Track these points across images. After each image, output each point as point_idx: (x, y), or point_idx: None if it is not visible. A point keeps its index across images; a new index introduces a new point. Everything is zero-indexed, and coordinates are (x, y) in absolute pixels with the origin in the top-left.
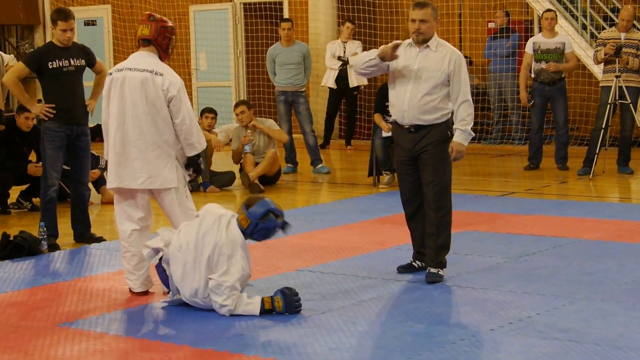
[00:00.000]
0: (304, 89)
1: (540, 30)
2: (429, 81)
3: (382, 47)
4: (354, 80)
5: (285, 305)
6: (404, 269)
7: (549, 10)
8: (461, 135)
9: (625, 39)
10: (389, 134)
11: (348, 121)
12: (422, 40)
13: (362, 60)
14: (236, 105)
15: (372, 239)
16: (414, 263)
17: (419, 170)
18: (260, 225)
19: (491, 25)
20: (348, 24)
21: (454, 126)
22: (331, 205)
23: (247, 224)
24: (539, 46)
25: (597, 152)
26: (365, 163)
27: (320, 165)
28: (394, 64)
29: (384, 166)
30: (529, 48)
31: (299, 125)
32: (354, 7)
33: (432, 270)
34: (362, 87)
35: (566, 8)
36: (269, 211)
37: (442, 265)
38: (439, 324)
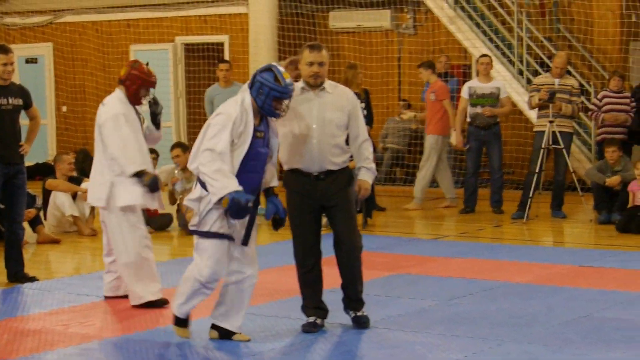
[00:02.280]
0: None
1: (476, 75)
2: (332, 123)
3: None
4: None
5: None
6: (309, 328)
7: (484, 55)
8: (367, 173)
9: (559, 84)
10: None
11: None
12: (320, 83)
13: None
14: (171, 148)
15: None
16: (317, 320)
17: (320, 219)
18: (257, 78)
19: None
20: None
21: (358, 165)
22: (269, 246)
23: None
24: (475, 91)
25: (531, 196)
26: None
27: (260, 207)
28: (293, 111)
29: None
30: (464, 93)
31: None
32: (294, 50)
33: (360, 314)
34: None
35: (503, 53)
36: (271, 68)
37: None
38: None
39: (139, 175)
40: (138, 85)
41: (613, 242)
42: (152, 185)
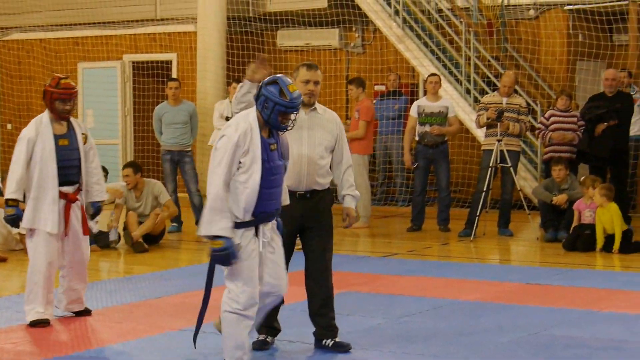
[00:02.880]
0: (190, 149)
1: (425, 93)
2: (322, 144)
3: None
4: None
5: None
6: (260, 346)
7: (433, 74)
8: (353, 200)
9: (506, 103)
10: None
11: None
12: (313, 103)
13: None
14: (123, 167)
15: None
16: (267, 338)
17: (295, 240)
18: (262, 91)
19: (378, 87)
20: (235, 84)
21: (343, 192)
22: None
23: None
24: (423, 109)
25: (478, 214)
26: None
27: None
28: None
29: None
30: (413, 111)
31: (185, 184)
32: (243, 68)
33: (338, 340)
34: None
35: (451, 72)
36: (276, 80)
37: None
38: None
39: (7, 203)
40: (50, 99)
41: (560, 260)
42: (10, 221)
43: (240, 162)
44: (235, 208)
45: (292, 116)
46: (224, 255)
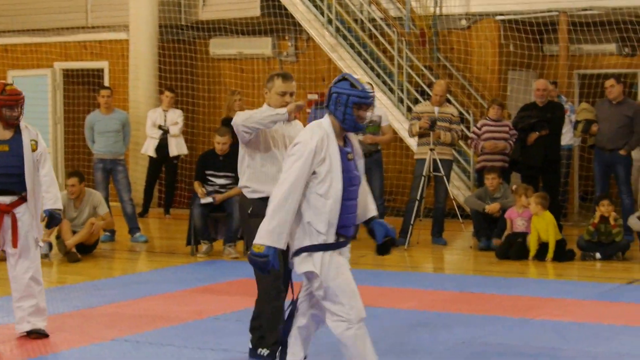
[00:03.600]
0: (122, 157)
1: None
2: None
3: (289, 105)
4: (174, 149)
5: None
6: None
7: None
8: None
9: (439, 112)
10: (207, 201)
11: (167, 190)
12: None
13: (266, 114)
14: (69, 176)
15: (190, 308)
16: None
17: None
18: (332, 90)
19: (310, 97)
20: (168, 93)
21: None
22: (149, 274)
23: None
24: None
25: (412, 223)
26: (184, 232)
27: (138, 234)
28: (270, 133)
29: (202, 235)
30: None
31: (117, 193)
32: (175, 76)
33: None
34: (183, 155)
35: (384, 82)
36: (344, 77)
37: None
38: None
39: None
40: None
41: (493, 269)
42: None
43: (314, 172)
44: (316, 222)
45: (368, 113)
46: (261, 262)
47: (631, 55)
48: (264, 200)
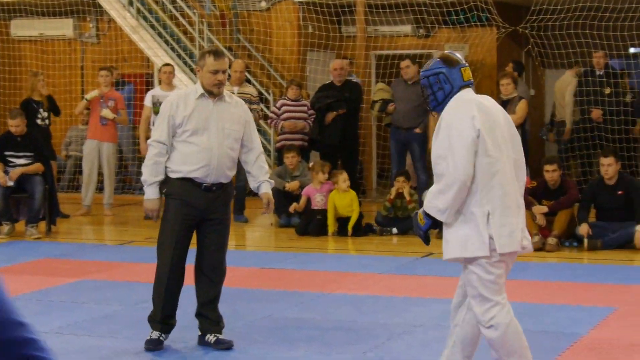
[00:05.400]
0: None
1: (159, 83)
2: (231, 135)
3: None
4: None
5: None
6: (154, 346)
7: (167, 64)
8: (269, 186)
9: (238, 92)
10: (9, 184)
11: None
12: (221, 93)
13: (148, 170)
14: None
15: None
16: (161, 337)
17: (193, 232)
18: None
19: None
20: None
21: (259, 179)
22: None
23: None
24: (158, 99)
25: None
26: None
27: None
28: (192, 119)
29: (3, 216)
30: (147, 101)
31: None
32: None
33: (222, 336)
34: None
35: (185, 62)
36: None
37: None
38: None
39: None
40: None
41: (293, 245)
42: None
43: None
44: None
45: None
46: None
47: (425, 36)
48: None
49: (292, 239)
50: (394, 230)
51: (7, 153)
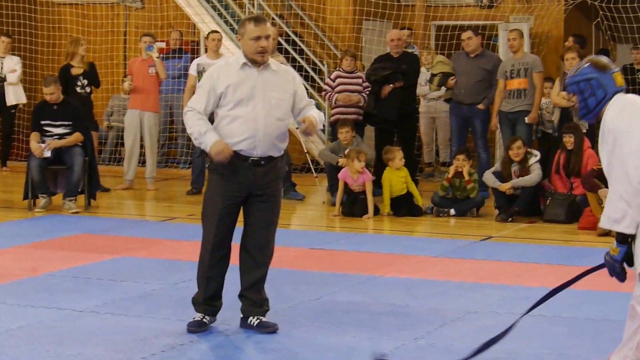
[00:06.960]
0: None
1: (205, 51)
2: (280, 106)
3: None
4: (12, 98)
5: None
6: (196, 328)
7: (214, 31)
8: (315, 111)
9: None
10: (46, 155)
11: (4, 141)
12: (266, 61)
13: (197, 133)
14: None
15: (24, 264)
16: (204, 319)
17: (240, 209)
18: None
19: (160, 45)
20: (4, 38)
21: (307, 107)
22: None
23: None
24: (204, 68)
25: None
26: (22, 185)
27: None
28: (231, 89)
29: (40, 189)
30: (192, 70)
31: None
32: (12, 21)
33: (265, 320)
34: (21, 105)
35: (233, 30)
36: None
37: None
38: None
39: None
40: None
41: (346, 225)
42: None
43: None
44: None
45: None
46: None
47: (489, 7)
48: None
49: (344, 218)
50: (452, 211)
51: (43, 122)
